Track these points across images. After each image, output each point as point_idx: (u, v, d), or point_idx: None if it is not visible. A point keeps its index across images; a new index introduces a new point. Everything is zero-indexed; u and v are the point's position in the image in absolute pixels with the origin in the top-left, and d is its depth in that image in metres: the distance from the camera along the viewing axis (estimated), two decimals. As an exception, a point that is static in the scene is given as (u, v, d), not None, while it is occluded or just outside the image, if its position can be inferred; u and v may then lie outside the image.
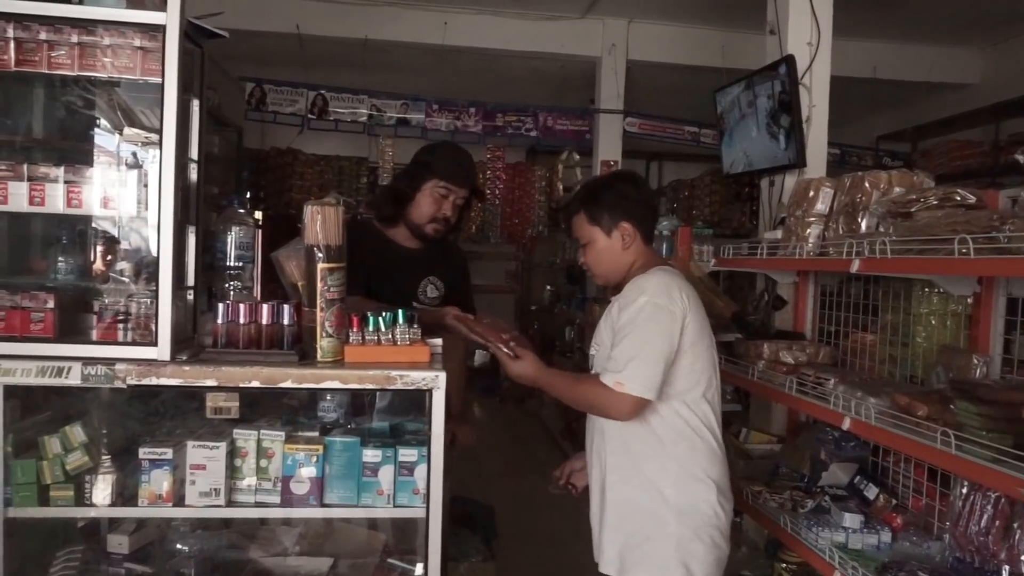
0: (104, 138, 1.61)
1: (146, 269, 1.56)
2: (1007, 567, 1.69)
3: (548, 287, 7.63)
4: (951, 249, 1.62)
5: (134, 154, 1.57)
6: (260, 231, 6.21)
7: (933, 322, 2.20)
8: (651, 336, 1.67)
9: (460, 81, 6.66)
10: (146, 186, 1.54)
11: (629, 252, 1.84)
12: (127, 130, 1.61)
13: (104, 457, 1.58)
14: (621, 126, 6.07)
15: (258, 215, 6.29)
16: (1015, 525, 1.68)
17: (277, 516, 1.66)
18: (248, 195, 6.09)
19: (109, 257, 1.62)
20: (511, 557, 3.40)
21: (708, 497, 1.74)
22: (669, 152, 8.00)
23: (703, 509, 1.73)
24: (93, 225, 1.61)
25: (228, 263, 1.82)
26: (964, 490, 1.80)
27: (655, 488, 1.72)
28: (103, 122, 1.64)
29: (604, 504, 1.81)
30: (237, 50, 5.58)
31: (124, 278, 1.58)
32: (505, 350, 1.86)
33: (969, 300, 2.03)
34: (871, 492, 2.15)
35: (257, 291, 2.40)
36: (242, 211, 1.98)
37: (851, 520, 2.03)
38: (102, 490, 1.53)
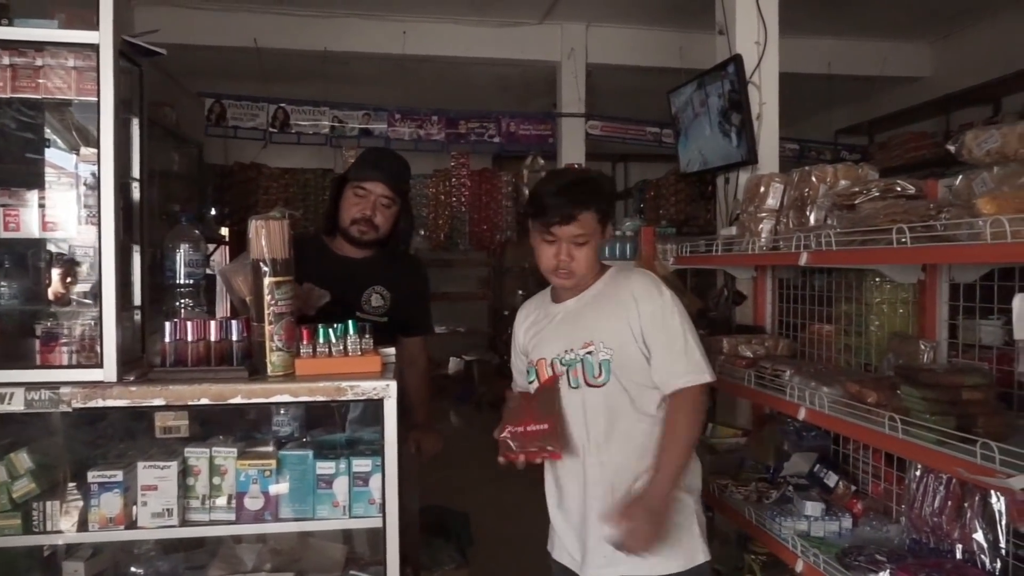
0: (56, 158, 1.59)
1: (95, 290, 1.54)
2: (960, 545, 1.73)
3: (520, 291, 7.65)
4: (890, 239, 1.66)
5: (93, 174, 1.55)
6: (228, 247, 6.07)
7: (885, 310, 2.25)
8: (693, 326, 1.75)
9: (422, 90, 6.66)
10: (87, 207, 1.52)
11: None
12: (84, 150, 1.59)
13: (68, 483, 1.56)
14: (584, 129, 6.12)
15: (224, 231, 6.24)
16: (966, 505, 1.72)
17: (232, 533, 1.65)
18: (213, 211, 6.03)
19: (61, 280, 1.60)
20: (486, 564, 3.39)
21: (700, 470, 1.86)
22: (633, 153, 8.07)
23: (698, 483, 1.84)
24: (49, 247, 1.59)
25: (178, 281, 1.81)
26: (918, 473, 1.84)
27: None
28: (56, 142, 1.61)
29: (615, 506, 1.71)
30: (195, 65, 5.54)
31: (86, 300, 1.55)
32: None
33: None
34: (831, 480, 2.19)
35: (226, 307, 2.37)
36: (196, 231, 1.96)
37: (812, 508, 2.07)
38: (51, 517, 1.51)
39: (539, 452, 1.63)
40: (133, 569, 1.72)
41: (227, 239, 6.08)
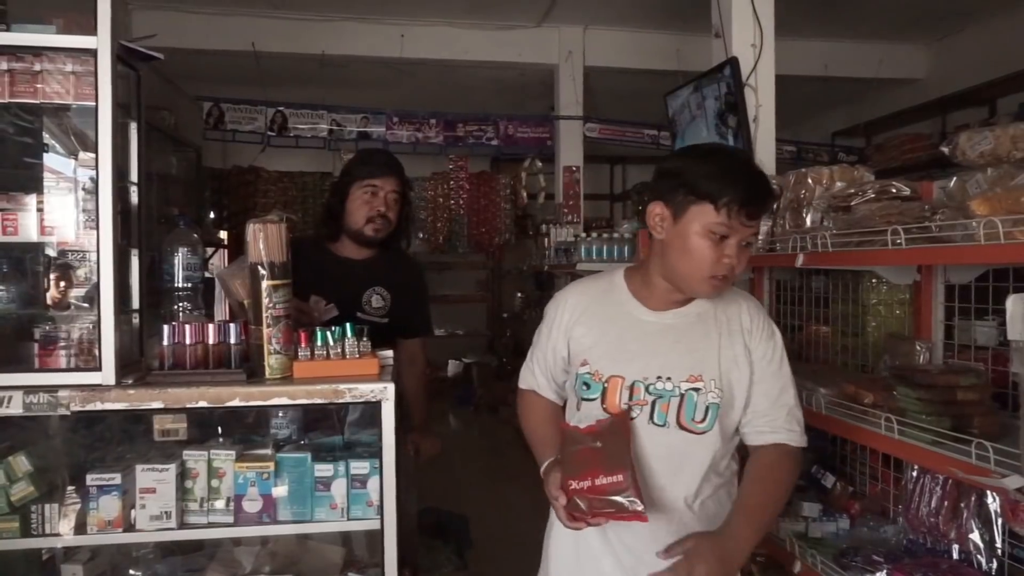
0: (54, 163, 1.60)
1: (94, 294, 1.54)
2: (956, 545, 1.73)
3: (519, 294, 7.66)
4: (885, 240, 1.67)
5: (91, 178, 1.56)
6: (226, 250, 6.09)
7: (882, 311, 2.26)
8: None
9: (420, 93, 6.68)
10: (85, 211, 1.53)
11: None
12: (82, 154, 1.60)
13: (67, 486, 1.56)
14: (581, 132, 6.13)
15: (222, 234, 6.25)
16: (962, 505, 1.73)
17: (230, 536, 1.65)
18: (211, 215, 6.04)
19: (60, 284, 1.61)
20: (486, 567, 3.39)
21: None
22: (630, 156, 8.09)
23: None
24: (48, 251, 1.59)
25: (176, 284, 1.81)
26: (914, 474, 1.84)
27: None
28: (54, 147, 1.62)
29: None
30: (193, 70, 5.55)
31: (84, 304, 1.56)
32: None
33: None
34: (828, 481, 2.20)
35: (224, 310, 2.39)
36: (194, 234, 1.97)
37: (809, 509, 2.07)
38: (50, 520, 1.51)
39: (617, 514, 1.25)
40: (131, 572, 1.72)
41: (225, 242, 6.09)
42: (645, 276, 1.47)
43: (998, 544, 1.66)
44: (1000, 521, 1.64)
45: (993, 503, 1.64)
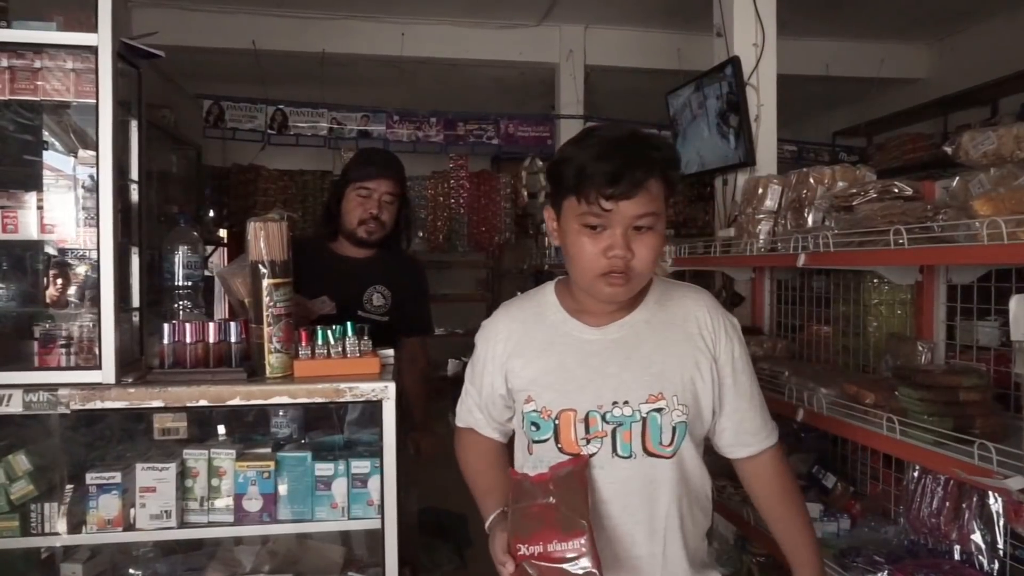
0: (54, 161, 1.60)
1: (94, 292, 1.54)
2: (958, 546, 1.73)
3: (519, 293, 7.62)
4: (887, 240, 1.67)
5: (91, 176, 1.55)
6: (226, 249, 6.10)
7: (883, 312, 2.25)
8: None
9: (420, 92, 6.67)
10: (85, 209, 1.53)
11: None
12: (82, 152, 1.60)
13: (67, 485, 1.56)
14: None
15: (222, 233, 6.24)
16: (964, 506, 1.73)
17: (230, 535, 1.65)
18: (211, 213, 6.03)
19: (60, 282, 1.60)
20: (485, 566, 3.39)
21: None
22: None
23: None
24: (47, 250, 1.59)
25: (176, 283, 1.81)
26: (915, 474, 1.84)
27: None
28: (54, 144, 1.62)
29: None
30: (193, 67, 5.54)
31: (84, 302, 1.56)
32: None
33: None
34: (829, 481, 2.20)
35: (224, 309, 2.38)
36: (194, 233, 1.96)
37: (810, 509, 2.06)
38: (49, 518, 1.51)
39: None
40: (131, 571, 1.72)
41: (225, 241, 6.08)
42: (572, 288, 1.31)
43: (1000, 545, 1.66)
44: (1002, 522, 1.64)
45: (995, 504, 1.64)
